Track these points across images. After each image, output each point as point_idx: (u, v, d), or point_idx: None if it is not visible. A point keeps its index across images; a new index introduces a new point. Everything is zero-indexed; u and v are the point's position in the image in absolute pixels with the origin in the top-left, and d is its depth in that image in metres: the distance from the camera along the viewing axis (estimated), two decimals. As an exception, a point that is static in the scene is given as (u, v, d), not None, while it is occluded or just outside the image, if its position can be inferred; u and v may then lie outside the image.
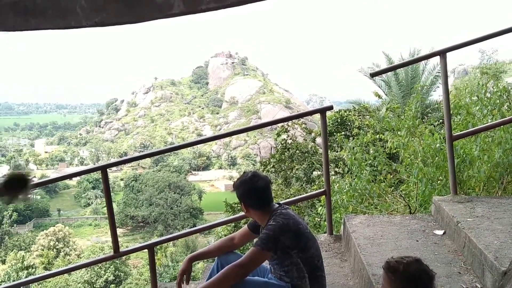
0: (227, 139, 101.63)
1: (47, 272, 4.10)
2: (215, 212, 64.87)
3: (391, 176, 5.91)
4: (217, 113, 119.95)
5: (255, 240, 3.17)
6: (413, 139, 5.71)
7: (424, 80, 15.14)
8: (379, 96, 15.18)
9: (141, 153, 3.89)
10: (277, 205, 2.80)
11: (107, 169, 3.77)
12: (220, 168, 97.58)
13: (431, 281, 1.95)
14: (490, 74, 13.45)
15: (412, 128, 5.62)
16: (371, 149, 6.00)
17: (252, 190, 2.73)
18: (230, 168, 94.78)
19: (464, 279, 2.94)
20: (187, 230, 4.41)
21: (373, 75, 4.41)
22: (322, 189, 4.30)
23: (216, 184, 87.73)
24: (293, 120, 12.29)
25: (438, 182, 5.26)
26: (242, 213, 4.52)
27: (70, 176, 4.12)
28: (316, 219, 8.22)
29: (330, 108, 4.29)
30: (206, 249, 3.06)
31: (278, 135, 12.07)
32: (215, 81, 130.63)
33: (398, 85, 14.92)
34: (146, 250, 4.04)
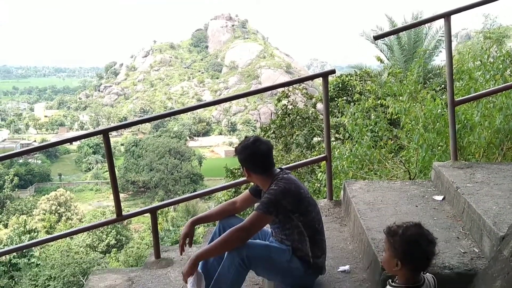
0: (226, 105, 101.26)
1: (50, 236, 4.15)
2: (215, 177, 65.27)
3: (392, 142, 5.92)
4: (217, 78, 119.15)
5: (256, 204, 3.21)
6: (414, 104, 5.69)
7: (426, 44, 14.94)
8: (381, 61, 15.02)
9: (142, 117, 3.89)
10: (278, 170, 2.81)
11: (108, 133, 3.77)
12: (220, 134, 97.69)
13: (430, 245, 1.96)
14: (493, 39, 13.26)
15: (414, 93, 5.59)
16: (372, 114, 5.97)
17: (254, 154, 2.74)
18: (230, 134, 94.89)
19: (462, 244, 2.97)
20: (188, 194, 4.45)
21: (376, 38, 4.36)
22: (323, 155, 4.31)
23: (216, 150, 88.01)
24: (294, 85, 12.21)
25: (439, 148, 5.26)
26: (243, 178, 4.55)
27: (73, 140, 4.12)
28: (316, 185, 8.27)
29: (332, 72, 4.24)
30: (208, 213, 3.09)
31: (279, 100, 12.02)
32: (215, 44, 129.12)
33: (400, 50, 14.75)
34: (148, 214, 4.10)
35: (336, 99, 11.66)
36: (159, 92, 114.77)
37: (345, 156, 5.82)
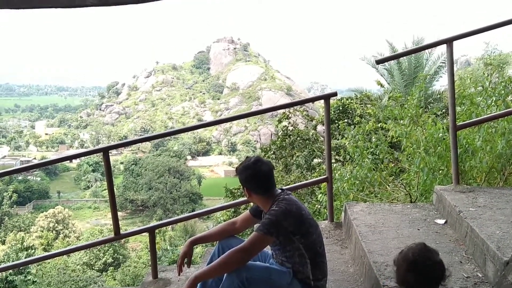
0: (227, 125, 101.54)
1: (48, 253, 4.11)
2: (214, 197, 65.04)
3: (393, 165, 5.91)
4: (218, 99, 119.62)
5: (256, 225, 3.18)
6: (415, 128, 5.69)
7: (427, 70, 15.06)
8: (381, 85, 15.08)
9: (142, 136, 3.89)
10: (279, 191, 2.79)
11: (109, 152, 3.76)
12: (220, 154, 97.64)
13: (431, 259, 1.89)
14: (494, 65, 13.35)
15: (415, 117, 5.60)
16: (373, 137, 5.97)
17: (255, 175, 2.72)
18: (230, 154, 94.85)
19: (466, 268, 2.94)
20: (187, 214, 4.42)
21: (378, 62, 4.37)
22: (324, 176, 4.29)
23: (216, 169, 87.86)
24: (295, 107, 12.25)
25: (440, 172, 5.25)
26: (242, 199, 4.53)
27: (73, 157, 4.10)
28: (316, 206, 8.22)
29: (334, 94, 4.26)
30: (207, 233, 3.05)
31: (280, 121, 12.05)
32: (217, 66, 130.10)
33: (401, 74, 14.85)
34: (146, 233, 4.06)
35: (336, 121, 11.66)
36: (160, 112, 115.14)
37: (345, 178, 5.79)
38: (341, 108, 11.76)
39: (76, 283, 25.98)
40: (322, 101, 4.14)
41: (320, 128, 12.59)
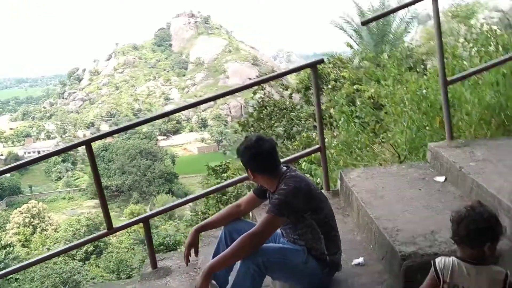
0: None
1: (40, 256, 3.89)
2: (190, 175, 64.87)
3: (379, 126, 5.85)
4: (184, 75, 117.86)
5: (262, 205, 3.06)
6: (399, 87, 5.62)
7: (395, 27, 15.02)
8: (351, 46, 15.03)
9: (127, 124, 3.65)
10: (285, 168, 2.65)
11: (91, 143, 3.54)
12: (191, 131, 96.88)
13: (475, 223, 1.82)
14: (461, 16, 13.42)
15: (398, 75, 5.52)
16: (357, 100, 5.89)
17: (259, 154, 2.57)
18: (201, 130, 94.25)
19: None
20: (181, 200, 4.24)
21: (364, 23, 4.25)
22: (317, 146, 4.17)
23: (189, 147, 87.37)
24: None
25: (427, 128, 5.21)
26: (230, 181, 4.38)
27: (56, 153, 3.83)
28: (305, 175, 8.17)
29: (321, 61, 4.11)
30: (212, 219, 2.91)
31: (254, 93, 11.86)
32: (179, 42, 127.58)
33: (369, 34, 14.78)
34: (141, 223, 3.89)
35: (310, 87, 11.56)
36: (125, 94, 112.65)
37: (333, 144, 5.72)
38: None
39: (59, 276, 25.61)
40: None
41: (296, 96, 12.45)
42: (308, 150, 4.34)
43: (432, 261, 1.88)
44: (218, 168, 10.85)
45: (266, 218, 2.45)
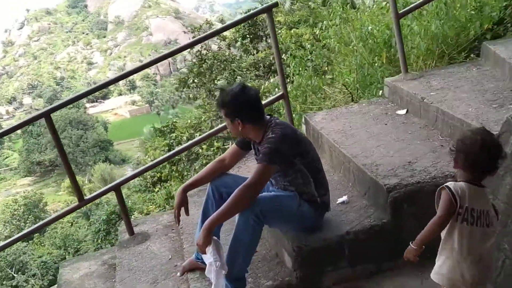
0: (121, 64, 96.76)
1: (14, 237, 3.69)
2: (125, 140, 63.36)
3: (329, 68, 5.92)
4: (104, 37, 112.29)
5: (245, 156, 3.04)
6: (344, 26, 5.66)
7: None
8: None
9: (85, 90, 3.41)
10: (268, 116, 2.63)
11: (51, 115, 3.33)
12: (120, 94, 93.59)
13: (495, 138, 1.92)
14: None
15: (344, 14, 5.54)
16: (307, 44, 5.88)
17: (248, 102, 2.53)
18: (130, 92, 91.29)
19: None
20: (152, 162, 4.12)
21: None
22: (280, 93, 4.16)
23: (120, 111, 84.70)
24: (205, 28, 11.75)
25: (375, 65, 5.33)
26: (217, 128, 4.29)
27: (14, 129, 3.54)
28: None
29: (276, 5, 4.02)
30: (197, 177, 2.86)
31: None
32: (94, 2, 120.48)
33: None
34: (112, 192, 3.78)
35: (248, 36, 11.43)
36: (45, 64, 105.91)
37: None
38: (249, 22, 11.45)
39: (4, 259, 24.66)
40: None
41: (233, 47, 12.23)
42: (271, 98, 4.32)
43: (445, 186, 1.93)
44: (165, 128, 10.63)
45: (259, 168, 2.44)
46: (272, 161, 2.45)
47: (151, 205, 12.05)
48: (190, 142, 4.38)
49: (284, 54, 6.20)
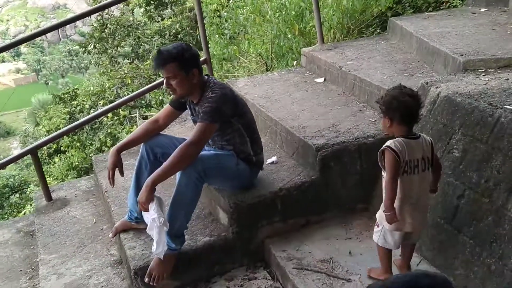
0: (2, 27, 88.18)
1: None
2: (12, 110, 58.47)
3: (245, 37, 6.00)
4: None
5: (178, 116, 3.05)
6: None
7: None
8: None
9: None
10: (206, 77, 2.67)
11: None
12: (3, 61, 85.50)
13: (407, 97, 2.10)
14: None
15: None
16: (223, 12, 5.90)
17: (196, 55, 2.57)
18: (15, 59, 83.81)
19: (368, 115, 3.31)
20: (73, 124, 3.93)
21: None
22: (203, 57, 4.17)
23: (3, 80, 77.56)
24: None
25: (288, 36, 5.53)
26: (156, 82, 4.20)
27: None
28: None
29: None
30: (130, 137, 2.81)
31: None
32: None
33: None
34: (28, 155, 3.58)
35: (152, 2, 11.07)
36: None
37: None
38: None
39: None
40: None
41: (137, 11, 11.75)
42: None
43: (387, 147, 2.11)
44: (65, 96, 10.01)
45: (201, 126, 2.48)
46: (214, 119, 2.51)
47: (48, 177, 11.42)
48: (108, 106, 4.25)
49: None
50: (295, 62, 5.22)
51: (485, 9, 4.39)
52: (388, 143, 2.12)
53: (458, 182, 2.23)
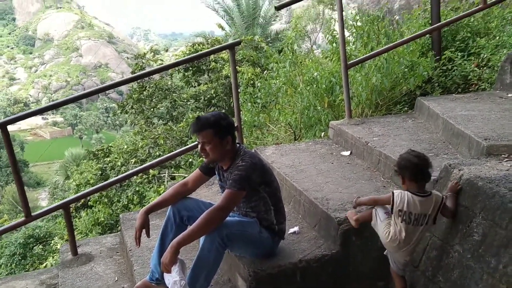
0: (45, 82, 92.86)
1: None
2: (43, 162, 60.19)
3: (276, 107, 6.21)
4: (31, 53, 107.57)
5: (207, 181, 3.16)
6: (293, 69, 6.02)
7: (265, 10, 15.64)
8: (222, 28, 15.32)
9: (42, 106, 3.34)
10: (237, 145, 2.81)
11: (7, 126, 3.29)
12: (42, 114, 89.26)
13: (417, 158, 2.46)
14: (326, 2, 14.50)
15: (295, 59, 5.91)
16: (258, 82, 6.16)
17: (232, 124, 2.75)
18: (53, 113, 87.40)
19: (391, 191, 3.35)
20: (105, 182, 4.10)
21: (278, 8, 4.47)
22: (235, 125, 4.35)
23: (40, 132, 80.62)
24: (148, 57, 11.79)
25: (318, 108, 5.71)
26: (190, 145, 4.39)
27: None
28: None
29: (238, 43, 4.28)
30: (160, 199, 2.93)
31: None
32: (24, 16, 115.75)
33: (241, 16, 15.19)
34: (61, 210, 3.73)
35: (191, 68, 11.61)
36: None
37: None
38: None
39: None
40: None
41: (176, 75, 12.31)
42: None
43: (393, 191, 2.49)
44: (99, 152, 10.37)
45: (229, 193, 2.59)
46: (242, 187, 2.61)
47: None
48: (140, 167, 4.40)
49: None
50: (323, 133, 5.35)
51: (513, 94, 4.47)
52: (397, 190, 2.51)
53: (477, 266, 2.23)
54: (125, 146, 9.60)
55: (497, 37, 5.47)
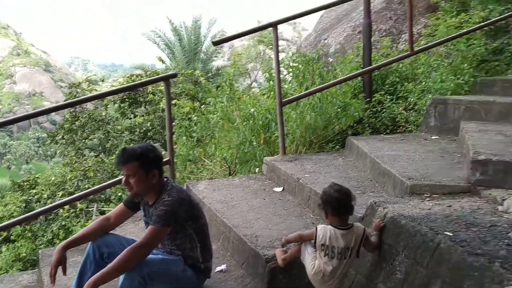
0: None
1: None
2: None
3: (212, 141, 6.16)
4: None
5: (131, 216, 3.03)
6: (230, 105, 6.03)
7: (207, 46, 15.79)
8: (163, 61, 15.26)
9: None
10: (165, 179, 2.72)
11: None
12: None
13: (337, 192, 2.50)
14: (266, 42, 14.88)
15: (232, 94, 5.93)
16: (194, 116, 6.11)
17: (160, 158, 2.67)
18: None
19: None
20: (28, 214, 3.82)
21: (216, 43, 4.48)
22: (167, 158, 4.25)
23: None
24: (84, 87, 11.44)
25: (254, 144, 5.72)
26: (119, 178, 4.20)
27: None
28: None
29: (174, 76, 4.25)
30: (80, 234, 2.77)
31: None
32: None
33: (182, 51, 15.23)
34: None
35: (127, 99, 11.38)
36: None
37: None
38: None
39: None
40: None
41: (112, 106, 12.00)
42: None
43: (316, 227, 2.51)
44: (25, 183, 9.79)
45: (153, 230, 2.48)
46: (167, 223, 2.51)
47: (-10, 267, 10.75)
48: (66, 199, 4.19)
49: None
50: (257, 169, 5.35)
51: (436, 137, 4.69)
52: (320, 225, 2.53)
53: (400, 305, 2.24)
54: (53, 178, 9.14)
55: (423, 83, 5.77)
